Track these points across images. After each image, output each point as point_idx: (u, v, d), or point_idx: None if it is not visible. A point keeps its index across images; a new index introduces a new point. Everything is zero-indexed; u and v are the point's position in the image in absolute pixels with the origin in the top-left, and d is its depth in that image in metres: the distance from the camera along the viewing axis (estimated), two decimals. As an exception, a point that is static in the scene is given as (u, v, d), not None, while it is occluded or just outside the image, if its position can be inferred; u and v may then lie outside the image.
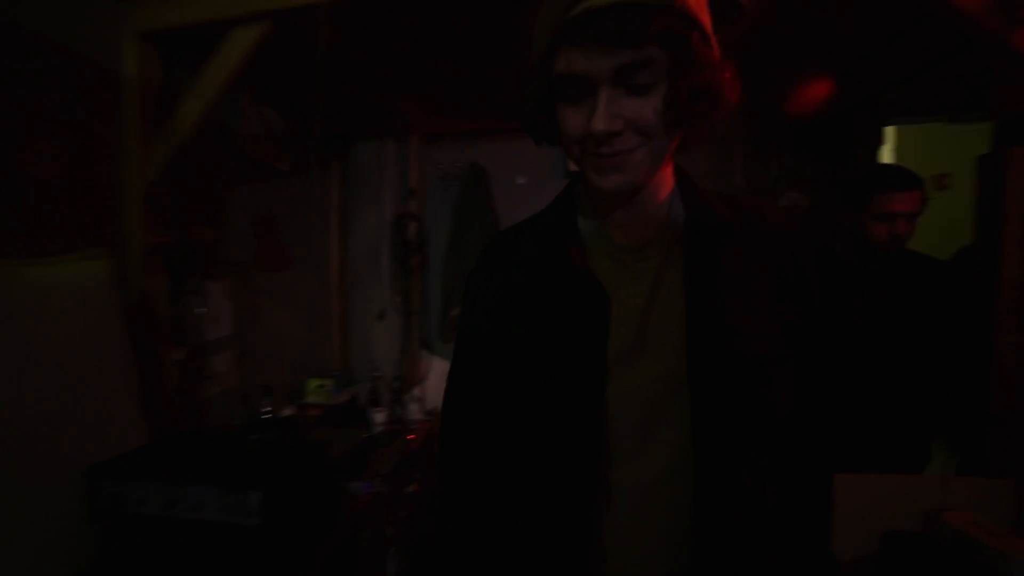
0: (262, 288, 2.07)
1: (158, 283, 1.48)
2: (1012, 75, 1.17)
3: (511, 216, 2.34)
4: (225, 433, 1.55)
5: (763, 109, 2.18)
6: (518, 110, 0.60)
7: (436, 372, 2.65)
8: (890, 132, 2.40)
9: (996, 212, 1.15)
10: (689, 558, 0.54)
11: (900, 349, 1.40)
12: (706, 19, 0.53)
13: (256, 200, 2.04)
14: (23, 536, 0.95)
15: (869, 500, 0.98)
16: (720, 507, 0.54)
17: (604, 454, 0.55)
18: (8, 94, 1.14)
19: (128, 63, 1.41)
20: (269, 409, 1.79)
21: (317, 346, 2.47)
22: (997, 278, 1.15)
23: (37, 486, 0.99)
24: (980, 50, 1.34)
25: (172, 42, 1.49)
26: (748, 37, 1.45)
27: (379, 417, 2.11)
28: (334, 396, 2.25)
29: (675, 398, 0.55)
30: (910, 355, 1.40)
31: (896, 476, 1.01)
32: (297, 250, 2.27)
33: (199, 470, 1.04)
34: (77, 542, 1.03)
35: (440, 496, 0.68)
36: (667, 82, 0.50)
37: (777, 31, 1.50)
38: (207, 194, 1.79)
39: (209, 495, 0.99)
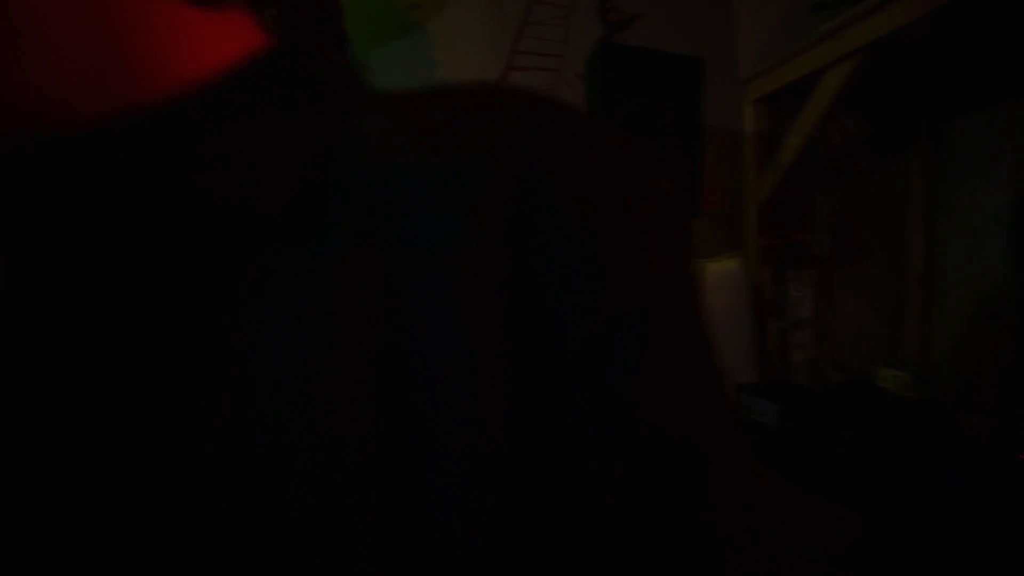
0: (837, 279, 2.32)
1: (767, 274, 2.08)
2: None
3: None
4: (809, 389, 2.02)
5: None
6: None
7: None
8: None
9: None
10: None
11: None
12: None
13: (835, 202, 2.30)
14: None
15: None
16: None
17: None
18: (681, 169, 1.87)
19: (747, 122, 2.06)
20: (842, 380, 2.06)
21: (892, 337, 2.42)
22: None
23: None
24: None
25: (775, 99, 1.99)
26: None
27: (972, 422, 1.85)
28: (907, 389, 2.16)
29: None
30: None
31: None
32: (874, 243, 2.35)
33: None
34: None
35: None
36: None
37: None
38: (802, 205, 2.22)
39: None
